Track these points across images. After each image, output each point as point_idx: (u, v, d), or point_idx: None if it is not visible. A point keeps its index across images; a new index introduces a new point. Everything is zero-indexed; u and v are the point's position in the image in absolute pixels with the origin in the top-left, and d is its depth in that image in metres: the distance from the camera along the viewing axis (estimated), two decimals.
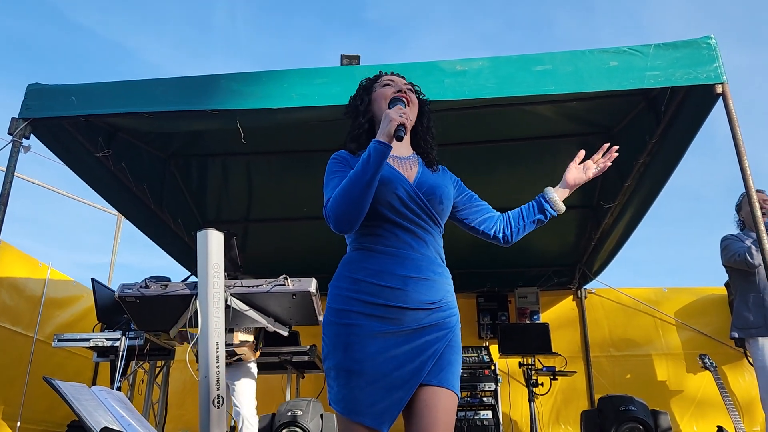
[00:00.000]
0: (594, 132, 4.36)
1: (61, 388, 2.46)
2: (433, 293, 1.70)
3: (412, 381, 1.60)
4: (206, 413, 2.84)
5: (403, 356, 1.62)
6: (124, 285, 3.47)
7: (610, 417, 4.33)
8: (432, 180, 1.83)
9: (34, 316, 5.24)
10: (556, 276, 6.30)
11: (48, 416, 5.26)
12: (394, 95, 1.84)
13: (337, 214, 1.65)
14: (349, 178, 1.64)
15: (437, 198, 1.78)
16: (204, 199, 5.25)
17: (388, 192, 1.72)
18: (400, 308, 1.65)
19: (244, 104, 3.20)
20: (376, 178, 1.63)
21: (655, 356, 6.05)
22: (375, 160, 1.61)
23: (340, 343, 1.65)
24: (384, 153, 1.62)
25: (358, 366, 1.61)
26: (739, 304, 4.04)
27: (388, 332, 1.63)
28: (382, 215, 1.73)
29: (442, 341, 1.66)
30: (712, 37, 3.07)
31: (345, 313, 1.67)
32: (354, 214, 1.65)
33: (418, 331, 1.65)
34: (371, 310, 1.65)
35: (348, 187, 1.64)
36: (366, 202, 1.65)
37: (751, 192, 2.90)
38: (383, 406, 1.59)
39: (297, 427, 4.07)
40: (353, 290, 1.69)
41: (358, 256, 1.75)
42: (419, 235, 1.74)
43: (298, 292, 3.37)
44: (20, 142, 3.27)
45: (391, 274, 1.68)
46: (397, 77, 1.96)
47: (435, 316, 1.68)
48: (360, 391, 1.60)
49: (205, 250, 3.09)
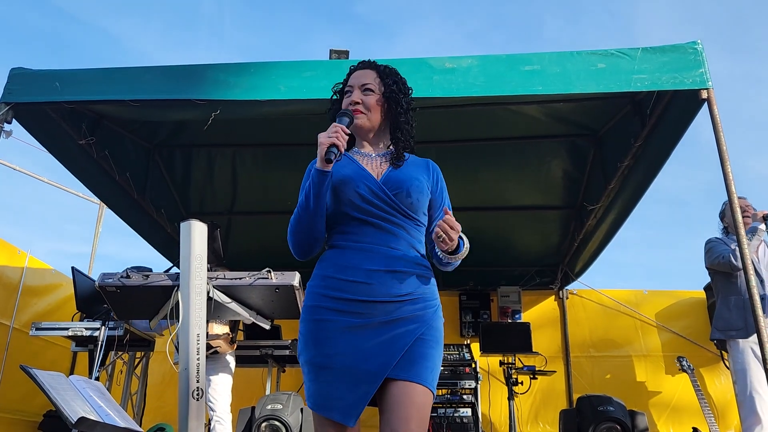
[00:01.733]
0: (580, 133, 4.39)
1: (38, 377, 2.43)
2: (403, 286, 1.69)
3: (378, 374, 1.60)
4: (185, 405, 2.82)
5: (371, 350, 1.62)
6: (104, 274, 3.44)
7: (588, 417, 4.37)
8: (401, 174, 1.80)
9: (10, 304, 5.16)
10: (538, 276, 6.34)
11: (24, 406, 5.19)
12: (340, 113, 1.81)
13: (292, 245, 1.78)
14: (296, 211, 1.76)
15: (404, 191, 1.76)
16: (188, 190, 5.21)
17: (349, 191, 1.75)
18: (367, 302, 1.66)
19: (231, 95, 3.17)
20: (320, 204, 1.71)
21: (634, 357, 6.11)
22: (314, 188, 1.70)
23: (311, 339, 1.67)
24: (320, 180, 1.69)
25: (327, 360, 1.62)
26: (721, 306, 4.10)
27: (358, 326, 1.64)
28: (346, 213, 1.76)
29: (412, 334, 1.65)
30: (698, 42, 3.09)
31: (315, 309, 1.70)
32: (306, 243, 1.77)
33: (387, 324, 1.64)
34: (338, 305, 1.67)
35: (297, 219, 1.76)
36: (318, 226, 1.74)
37: (733, 197, 2.94)
38: (350, 400, 1.59)
39: (277, 421, 4.05)
40: (322, 286, 1.72)
41: (330, 254, 1.78)
42: (388, 229, 1.74)
43: (281, 286, 3.35)
44: (1, 126, 3.21)
45: (357, 268, 1.69)
46: (360, 71, 1.91)
47: (406, 308, 1.67)
48: (328, 385, 1.61)
49: (189, 241, 3.06)
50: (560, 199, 5.15)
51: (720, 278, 4.16)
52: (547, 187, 4.96)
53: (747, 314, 3.87)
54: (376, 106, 1.86)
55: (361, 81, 1.88)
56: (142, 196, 4.76)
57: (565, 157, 4.65)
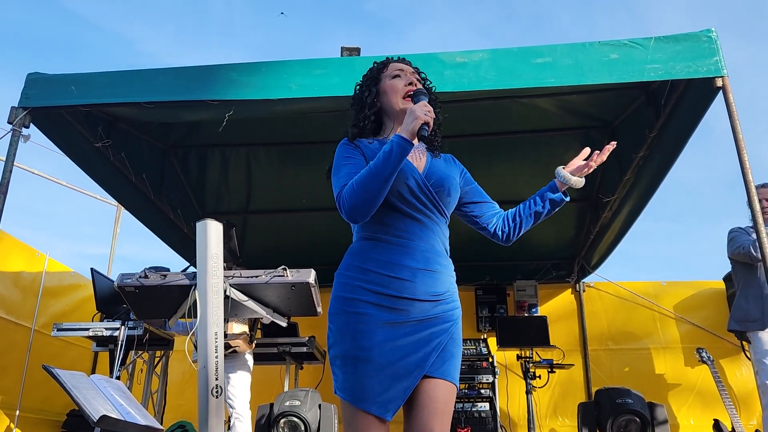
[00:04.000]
0: (594, 125, 4.36)
1: (60, 376, 2.47)
2: (439, 285, 1.71)
3: (417, 371, 1.61)
4: (205, 403, 2.85)
5: (409, 346, 1.63)
6: (123, 275, 3.47)
7: (606, 409, 4.34)
8: (441, 171, 1.82)
9: (31, 306, 5.24)
10: (554, 269, 6.31)
11: (47, 405, 5.28)
12: (417, 89, 1.83)
13: (352, 205, 1.66)
14: (369, 170, 1.65)
15: (446, 190, 1.79)
16: (203, 189, 5.25)
17: (399, 181, 1.72)
18: (409, 299, 1.66)
19: (243, 95, 3.20)
20: (395, 174, 1.65)
21: (653, 349, 6.06)
22: (397, 155, 1.62)
23: (348, 332, 1.65)
24: (407, 150, 1.63)
25: (365, 354, 1.61)
26: (740, 296, 4.07)
27: (396, 322, 1.64)
28: (392, 204, 1.73)
29: (446, 333, 1.68)
30: (713, 30, 3.06)
31: (353, 302, 1.67)
32: (369, 206, 1.66)
33: (423, 322, 1.66)
34: (380, 300, 1.66)
35: (366, 179, 1.64)
36: (382, 195, 1.66)
37: (750, 186, 2.91)
38: (390, 395, 1.60)
39: (295, 417, 4.08)
40: (363, 280, 1.69)
41: (366, 246, 1.75)
42: (426, 225, 1.75)
43: (296, 283, 3.36)
44: (20, 131, 3.26)
45: (400, 265, 1.69)
46: (405, 65, 1.94)
47: (440, 308, 1.69)
48: (367, 379, 1.60)
49: (204, 240, 3.09)
50: (575, 191, 5.10)
51: (741, 269, 4.12)
52: None
53: (765, 305, 3.85)
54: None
55: (409, 70, 1.92)
56: (159, 197, 4.80)
57: (579, 150, 4.55)
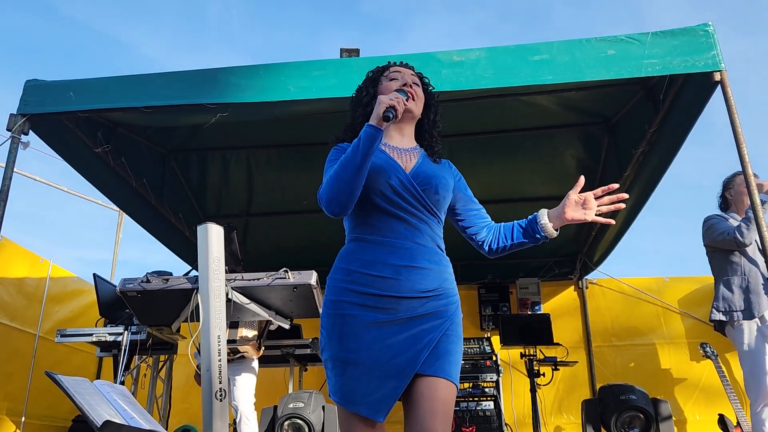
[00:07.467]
0: (592, 122, 4.36)
1: (63, 382, 2.48)
2: (428, 282, 1.70)
3: (407, 370, 1.60)
4: (209, 406, 2.85)
5: (398, 345, 1.62)
6: (125, 279, 3.48)
7: (610, 406, 4.34)
8: (429, 170, 1.83)
9: (36, 313, 5.25)
10: (557, 267, 6.31)
11: (52, 411, 5.29)
12: (399, 88, 1.84)
13: (328, 197, 1.68)
14: (340, 162, 1.66)
15: (432, 188, 1.78)
16: (204, 193, 5.26)
17: (381, 181, 1.73)
18: (394, 297, 1.65)
19: (242, 98, 3.20)
20: (366, 162, 1.64)
21: (657, 345, 6.05)
22: (365, 142, 1.63)
23: (335, 334, 1.66)
24: (373, 136, 1.63)
25: (353, 356, 1.61)
26: (722, 286, 4.04)
27: (383, 321, 1.64)
28: (376, 204, 1.74)
29: (438, 330, 1.66)
30: (710, 24, 3.05)
31: (339, 303, 1.68)
32: (345, 197, 1.66)
33: (413, 320, 1.65)
34: (365, 300, 1.66)
35: (339, 171, 1.66)
36: (356, 186, 1.66)
37: (750, 179, 2.91)
38: (379, 395, 1.59)
39: (299, 419, 4.08)
40: (347, 281, 1.70)
41: (353, 248, 1.76)
42: (413, 224, 1.74)
43: (298, 285, 3.38)
44: (19, 138, 3.27)
45: (384, 263, 1.68)
46: (405, 68, 1.96)
47: (431, 304, 1.68)
48: (356, 380, 1.60)
49: (206, 243, 3.09)
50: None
51: (720, 257, 4.07)
52: (562, 177, 4.92)
53: (750, 294, 3.85)
54: (421, 98, 1.91)
55: (408, 72, 1.94)
56: (160, 202, 4.81)
57: (578, 146, 4.62)
